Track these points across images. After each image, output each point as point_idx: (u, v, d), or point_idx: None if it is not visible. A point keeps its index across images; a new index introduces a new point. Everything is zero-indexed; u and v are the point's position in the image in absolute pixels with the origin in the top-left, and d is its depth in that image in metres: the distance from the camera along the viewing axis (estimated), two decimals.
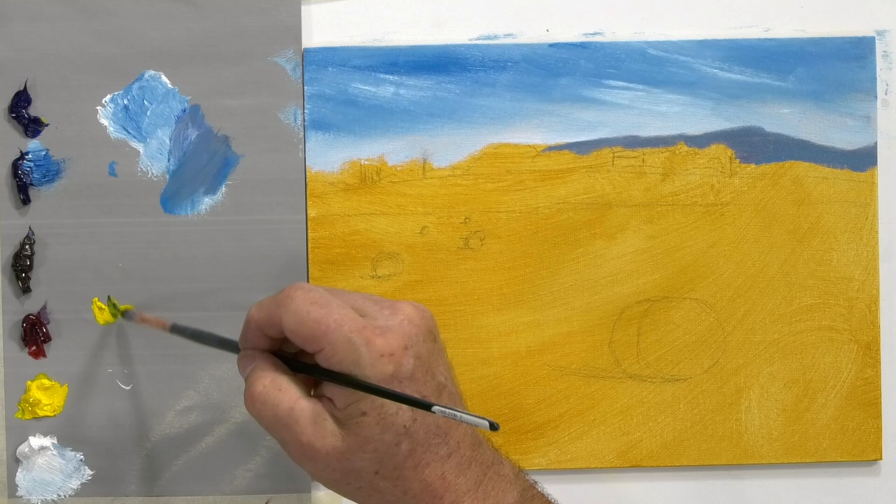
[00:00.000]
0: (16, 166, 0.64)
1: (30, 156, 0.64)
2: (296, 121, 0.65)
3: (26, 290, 0.65)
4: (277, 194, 0.65)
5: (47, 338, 0.65)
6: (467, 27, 0.66)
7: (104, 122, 0.65)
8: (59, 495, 0.65)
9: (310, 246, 0.65)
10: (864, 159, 0.66)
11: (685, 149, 0.66)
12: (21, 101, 0.64)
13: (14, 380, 0.65)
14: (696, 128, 0.66)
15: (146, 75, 0.65)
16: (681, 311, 0.66)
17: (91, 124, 0.65)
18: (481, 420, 0.48)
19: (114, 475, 0.65)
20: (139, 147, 0.65)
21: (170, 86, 0.65)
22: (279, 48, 0.65)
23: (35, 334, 0.65)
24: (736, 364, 0.67)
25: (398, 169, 0.66)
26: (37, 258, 0.65)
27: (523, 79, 0.66)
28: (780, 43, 0.66)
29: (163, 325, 0.60)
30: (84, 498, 0.65)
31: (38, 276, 0.65)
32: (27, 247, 0.64)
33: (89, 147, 0.65)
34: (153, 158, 0.65)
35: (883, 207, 0.67)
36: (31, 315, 0.65)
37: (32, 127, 0.64)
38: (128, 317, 0.64)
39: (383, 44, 0.66)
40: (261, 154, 0.65)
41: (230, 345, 0.54)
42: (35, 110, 0.64)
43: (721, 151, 0.66)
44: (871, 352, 0.67)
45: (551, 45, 0.66)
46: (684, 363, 0.67)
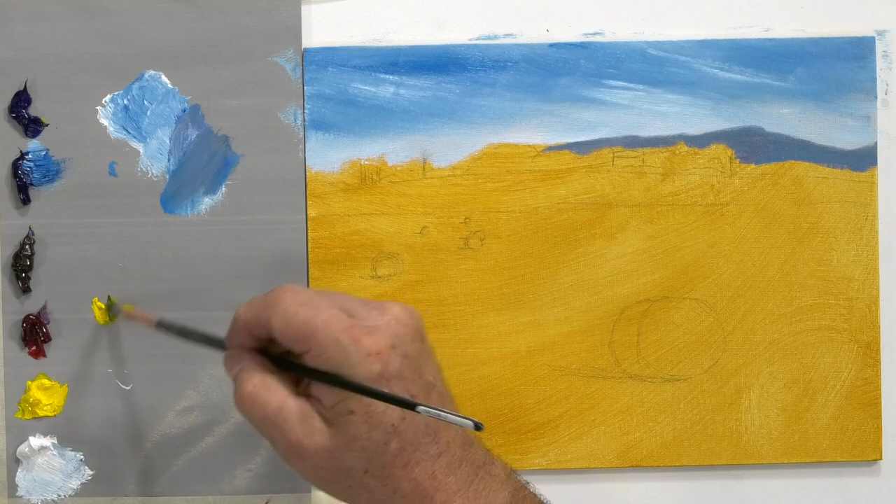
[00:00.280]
0: (16, 166, 0.64)
1: (30, 156, 0.64)
2: (296, 121, 0.65)
3: (26, 290, 0.65)
4: (277, 194, 0.65)
5: (47, 338, 0.65)
6: (467, 27, 0.66)
7: (104, 122, 0.65)
8: (59, 495, 0.65)
9: (310, 246, 0.65)
10: (864, 159, 0.66)
11: (685, 149, 0.66)
12: (21, 101, 0.64)
13: (14, 380, 0.65)
14: (696, 128, 0.66)
15: (146, 75, 0.65)
16: (681, 311, 0.66)
17: (91, 124, 0.65)
18: (466, 420, 0.48)
19: (114, 475, 0.65)
20: (139, 147, 0.65)
21: (170, 86, 0.65)
22: (279, 48, 0.65)
23: (35, 334, 0.65)
24: (736, 364, 0.67)
25: (398, 169, 0.66)
26: (37, 258, 0.65)
27: (523, 79, 0.66)
28: (780, 43, 0.66)
29: (149, 320, 0.59)
30: (84, 498, 0.65)
31: (38, 276, 0.65)
32: (27, 247, 0.64)
33: (89, 147, 0.65)
34: (153, 158, 0.65)
35: (883, 207, 0.67)
36: (31, 315, 0.65)
37: (32, 127, 0.64)
38: (114, 311, 0.64)
39: (383, 44, 0.66)
40: (261, 154, 0.65)
41: (217, 342, 0.54)
42: (35, 110, 0.64)
43: (721, 151, 0.66)
44: (871, 352, 0.67)
45: (551, 45, 0.66)
46: (684, 363, 0.67)
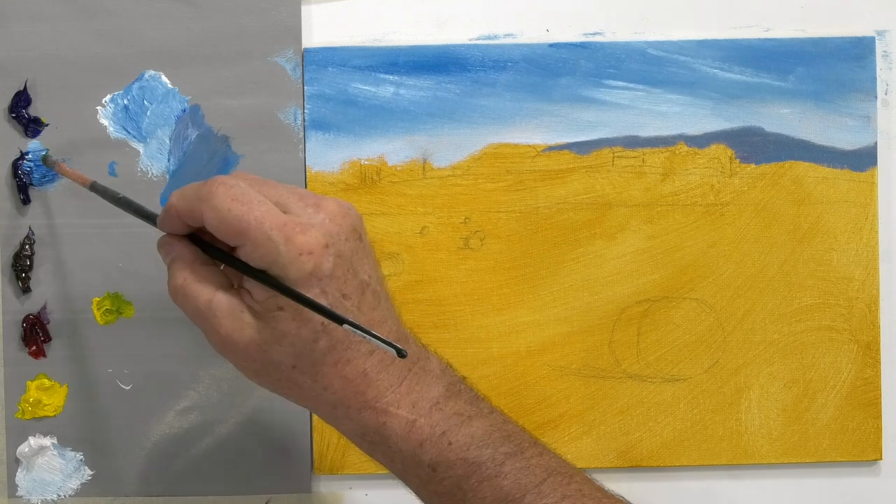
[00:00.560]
0: (16, 166, 0.64)
1: (30, 156, 0.64)
2: (296, 121, 0.65)
3: (26, 290, 0.65)
4: None
5: (47, 338, 0.65)
6: (467, 27, 0.66)
7: (104, 122, 0.65)
8: (59, 495, 0.65)
9: None
10: (864, 159, 0.66)
11: (685, 149, 0.66)
12: (21, 101, 0.64)
13: (14, 380, 0.65)
14: (696, 128, 0.66)
15: (146, 75, 0.65)
16: (681, 311, 0.66)
17: (91, 124, 0.65)
18: (389, 347, 0.48)
19: (114, 475, 0.65)
20: (139, 147, 0.65)
21: (170, 86, 0.65)
22: (279, 48, 0.65)
23: (35, 334, 0.65)
24: (736, 364, 0.67)
25: (398, 169, 0.66)
26: (37, 258, 0.65)
27: (523, 79, 0.66)
28: (780, 43, 0.66)
29: (84, 180, 0.59)
30: (84, 498, 0.65)
31: (38, 276, 0.65)
32: (27, 247, 0.64)
33: (89, 147, 0.65)
34: (153, 158, 0.65)
35: (883, 207, 0.67)
36: (31, 315, 0.65)
37: (32, 127, 0.64)
38: (49, 164, 0.63)
39: (383, 44, 0.66)
40: (261, 154, 0.65)
41: (149, 216, 0.53)
42: (35, 110, 0.64)
43: (721, 151, 0.66)
44: (871, 352, 0.67)
45: (551, 45, 0.66)
46: (684, 363, 0.67)
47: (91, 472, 0.65)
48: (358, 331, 0.48)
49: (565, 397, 0.66)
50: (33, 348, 0.65)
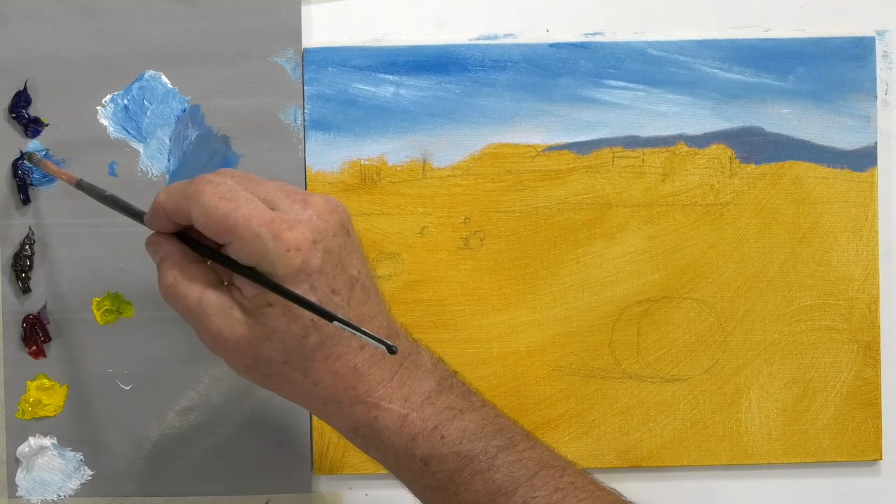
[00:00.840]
0: (16, 166, 0.64)
1: None
2: (296, 121, 0.65)
3: (26, 290, 0.65)
4: None
5: (47, 338, 0.65)
6: (467, 27, 0.66)
7: (104, 122, 0.65)
8: (59, 495, 0.65)
9: None
10: (863, 159, 0.66)
11: (685, 149, 0.66)
12: (21, 101, 0.64)
13: (14, 380, 0.65)
14: (696, 128, 0.66)
15: (146, 75, 0.65)
16: (681, 311, 0.66)
17: (91, 124, 0.65)
18: (380, 343, 0.48)
19: (114, 475, 0.65)
20: (139, 147, 0.65)
21: (170, 86, 0.65)
22: (279, 48, 0.65)
23: (35, 334, 0.65)
24: (736, 364, 0.67)
25: (398, 169, 0.66)
26: (37, 258, 0.65)
27: (523, 79, 0.66)
28: (780, 43, 0.66)
29: (70, 177, 0.58)
30: (84, 498, 0.65)
31: (38, 276, 0.65)
32: (27, 247, 0.64)
33: (89, 147, 0.65)
34: (153, 158, 0.65)
35: (883, 207, 0.67)
36: (31, 315, 0.65)
37: (32, 127, 0.64)
38: (33, 161, 0.63)
39: (383, 44, 0.66)
40: (261, 154, 0.65)
41: (136, 214, 0.53)
42: (35, 110, 0.64)
43: (721, 151, 0.66)
44: (871, 352, 0.67)
45: (551, 45, 0.66)
46: (684, 363, 0.67)
47: (91, 473, 0.65)
48: (348, 328, 0.48)
49: (565, 397, 0.66)
50: (33, 348, 0.65)
